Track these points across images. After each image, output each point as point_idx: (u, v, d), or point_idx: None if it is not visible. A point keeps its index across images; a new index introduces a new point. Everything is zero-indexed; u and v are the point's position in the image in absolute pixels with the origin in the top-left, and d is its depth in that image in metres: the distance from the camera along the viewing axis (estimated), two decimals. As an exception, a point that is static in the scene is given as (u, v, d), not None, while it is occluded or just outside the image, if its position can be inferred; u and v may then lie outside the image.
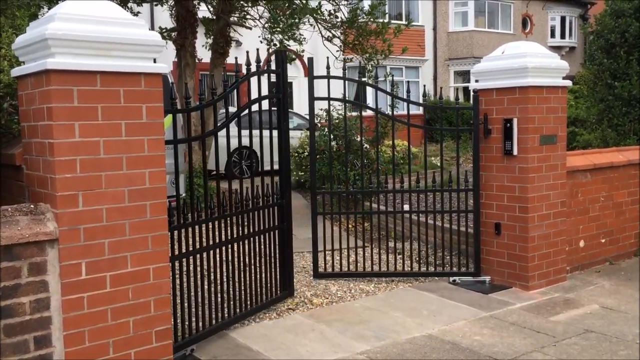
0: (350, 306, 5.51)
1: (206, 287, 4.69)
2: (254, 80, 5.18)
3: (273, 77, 5.51)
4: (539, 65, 5.83)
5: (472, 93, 6.22)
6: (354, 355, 4.40)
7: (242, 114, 5.08)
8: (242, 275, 5.03)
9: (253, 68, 5.14)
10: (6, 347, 3.22)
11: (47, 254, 3.35)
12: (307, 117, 14.26)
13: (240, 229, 4.99)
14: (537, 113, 5.90)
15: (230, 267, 4.91)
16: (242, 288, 5.06)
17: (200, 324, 4.65)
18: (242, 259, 5.03)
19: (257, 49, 5.42)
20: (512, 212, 5.97)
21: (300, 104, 21.91)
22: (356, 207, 6.64)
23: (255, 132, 5.21)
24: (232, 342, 4.67)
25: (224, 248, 4.84)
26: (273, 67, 5.55)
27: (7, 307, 3.22)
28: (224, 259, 4.87)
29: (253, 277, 5.18)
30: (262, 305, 5.29)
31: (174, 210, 4.24)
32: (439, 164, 12.94)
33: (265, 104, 5.53)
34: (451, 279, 6.26)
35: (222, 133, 5.03)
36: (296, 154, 11.18)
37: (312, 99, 6.13)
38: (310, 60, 6.05)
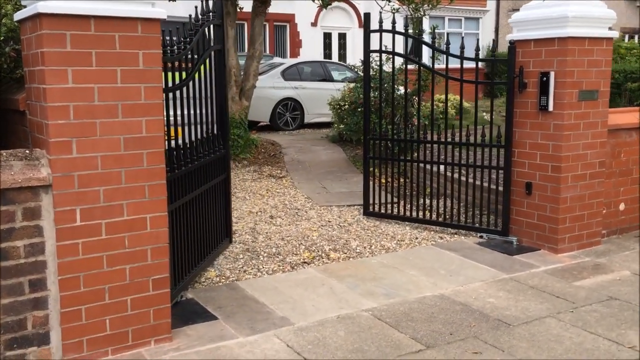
0: (367, 262, 5.41)
1: (183, 235, 4.64)
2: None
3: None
4: (581, 14, 5.41)
5: (508, 44, 5.86)
6: (359, 312, 4.32)
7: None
8: (205, 223, 5.09)
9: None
10: (1, 289, 3.30)
11: (42, 200, 3.37)
12: (358, 70, 13.94)
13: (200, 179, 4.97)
14: (577, 66, 5.51)
15: (199, 215, 4.94)
16: (205, 236, 5.12)
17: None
18: (205, 207, 5.07)
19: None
20: (545, 171, 5.66)
21: (354, 55, 21.48)
22: (393, 160, 6.77)
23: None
24: (241, 292, 4.67)
25: (197, 196, 4.86)
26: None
27: (1, 249, 3.28)
28: (195, 207, 4.85)
29: (211, 225, 5.27)
30: (215, 254, 5.35)
31: None
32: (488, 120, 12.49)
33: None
34: (479, 234, 6.15)
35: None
36: (338, 106, 10.96)
37: (367, 51, 6.72)
38: (367, 15, 6.62)
